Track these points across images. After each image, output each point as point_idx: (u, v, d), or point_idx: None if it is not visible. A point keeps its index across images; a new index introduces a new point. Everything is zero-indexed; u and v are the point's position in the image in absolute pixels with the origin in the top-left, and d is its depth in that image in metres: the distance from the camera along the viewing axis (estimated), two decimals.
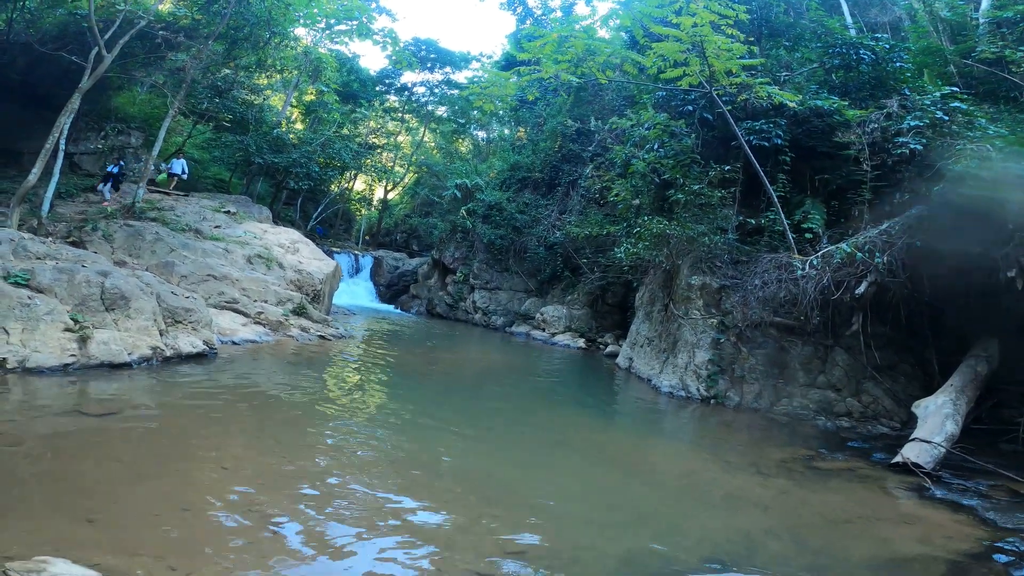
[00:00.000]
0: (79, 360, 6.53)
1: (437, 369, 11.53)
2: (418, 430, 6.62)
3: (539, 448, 6.72)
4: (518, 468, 5.82)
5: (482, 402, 9.06)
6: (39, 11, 13.74)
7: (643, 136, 14.02)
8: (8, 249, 7.48)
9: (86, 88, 11.47)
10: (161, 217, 13.29)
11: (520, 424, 7.84)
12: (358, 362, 10.56)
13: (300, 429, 5.97)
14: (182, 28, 13.78)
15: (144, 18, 12.07)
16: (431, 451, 5.88)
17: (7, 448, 4.25)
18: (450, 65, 32.95)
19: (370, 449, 5.65)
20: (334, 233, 31.07)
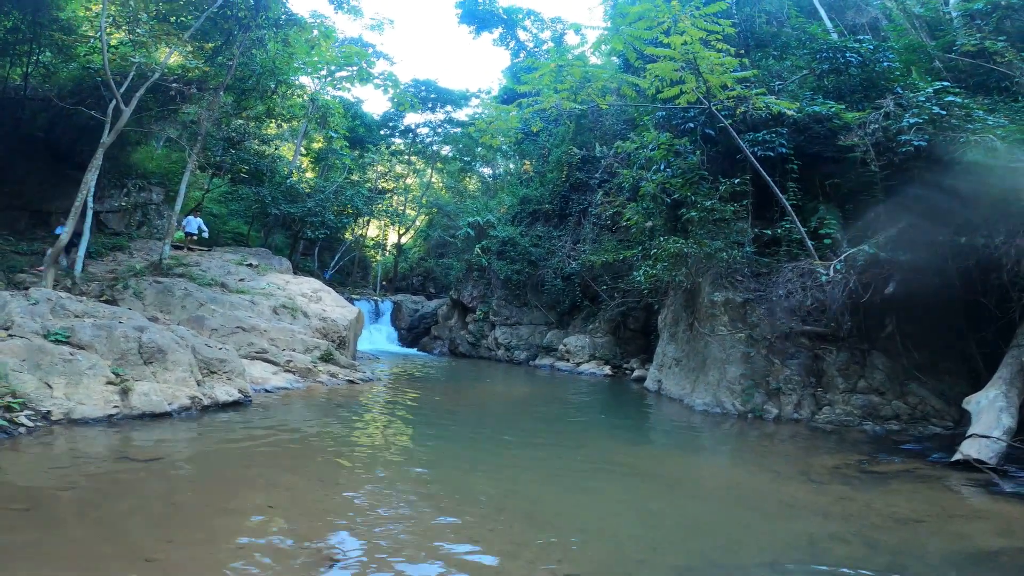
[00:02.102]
0: (122, 411, 6.65)
1: (465, 405, 11.47)
2: (453, 464, 6.58)
3: (579, 473, 6.60)
4: (560, 493, 5.71)
5: (514, 433, 8.94)
6: (54, 65, 14.32)
7: (649, 157, 14.16)
8: (47, 308, 7.74)
9: (108, 143, 11.76)
10: (188, 273, 13.67)
11: (556, 452, 7.71)
12: (388, 403, 10.57)
13: (339, 469, 5.98)
14: (193, 80, 14.23)
15: (156, 71, 12.48)
16: (469, 483, 5.83)
17: (60, 493, 4.32)
18: (450, 103, 33.72)
19: (408, 484, 5.62)
20: (352, 280, 31.51)
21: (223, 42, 13.63)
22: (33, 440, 5.55)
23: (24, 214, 14.13)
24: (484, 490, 5.61)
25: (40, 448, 5.39)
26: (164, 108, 14.67)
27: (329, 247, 29.15)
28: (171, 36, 12.25)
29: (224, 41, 13.65)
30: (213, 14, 12.73)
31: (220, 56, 13.93)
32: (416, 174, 38.13)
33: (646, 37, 10.77)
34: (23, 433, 5.61)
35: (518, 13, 29.32)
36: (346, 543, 3.98)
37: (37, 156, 14.36)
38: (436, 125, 34.40)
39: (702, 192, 11.79)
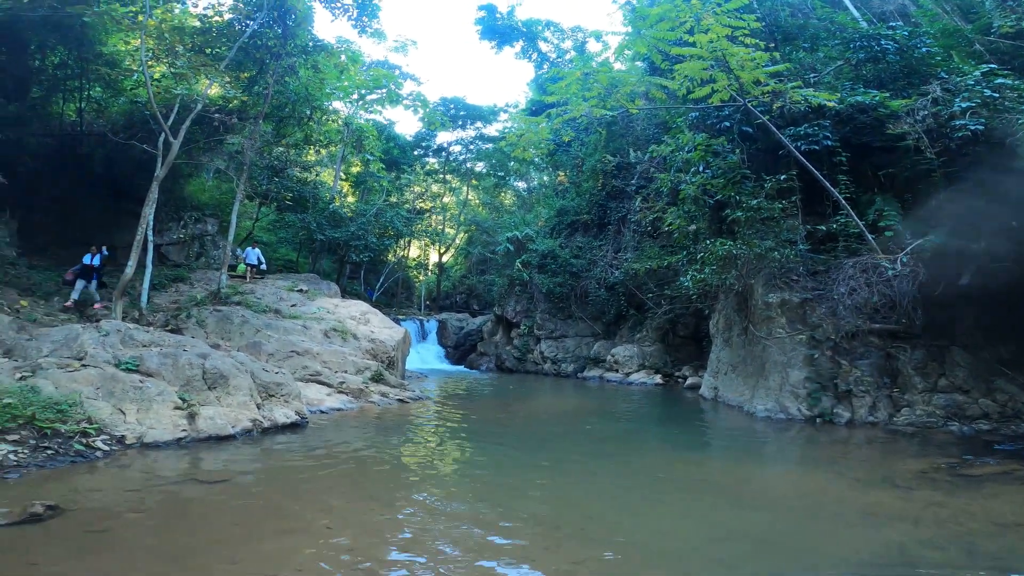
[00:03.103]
0: (190, 434, 6.91)
1: (515, 420, 11.37)
2: (505, 481, 6.48)
3: (636, 486, 6.39)
4: (616, 509, 5.51)
5: (566, 448, 8.76)
6: (104, 101, 15.16)
7: (686, 160, 13.82)
8: (117, 339, 8.17)
9: (161, 176, 12.11)
10: (244, 300, 14.23)
11: (610, 465, 7.51)
12: (438, 422, 10.59)
13: (394, 487, 6.00)
14: (234, 110, 14.82)
15: (198, 102, 12.95)
16: (521, 501, 5.70)
17: (132, 515, 4.47)
18: (480, 119, 34.04)
19: (461, 503, 5.56)
20: (397, 301, 32.07)
21: (257, 71, 14.25)
22: (109, 463, 5.81)
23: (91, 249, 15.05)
24: (537, 507, 5.48)
25: (115, 471, 5.64)
26: (210, 139, 15.30)
27: (374, 270, 29.82)
28: (208, 67, 12.75)
29: (258, 70, 14.27)
30: (245, 44, 13.29)
31: (256, 85, 14.54)
32: (452, 192, 38.66)
33: (669, 38, 10.61)
34: (99, 457, 5.88)
35: (537, 25, 29.55)
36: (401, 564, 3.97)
37: (99, 192, 15.14)
38: (468, 142, 34.84)
39: (746, 191, 11.42)
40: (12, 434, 5.49)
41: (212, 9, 13.41)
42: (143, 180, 12.65)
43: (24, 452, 5.37)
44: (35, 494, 4.47)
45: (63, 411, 6.13)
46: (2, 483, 4.84)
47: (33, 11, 9.93)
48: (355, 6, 14.97)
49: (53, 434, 5.77)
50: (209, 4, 13.48)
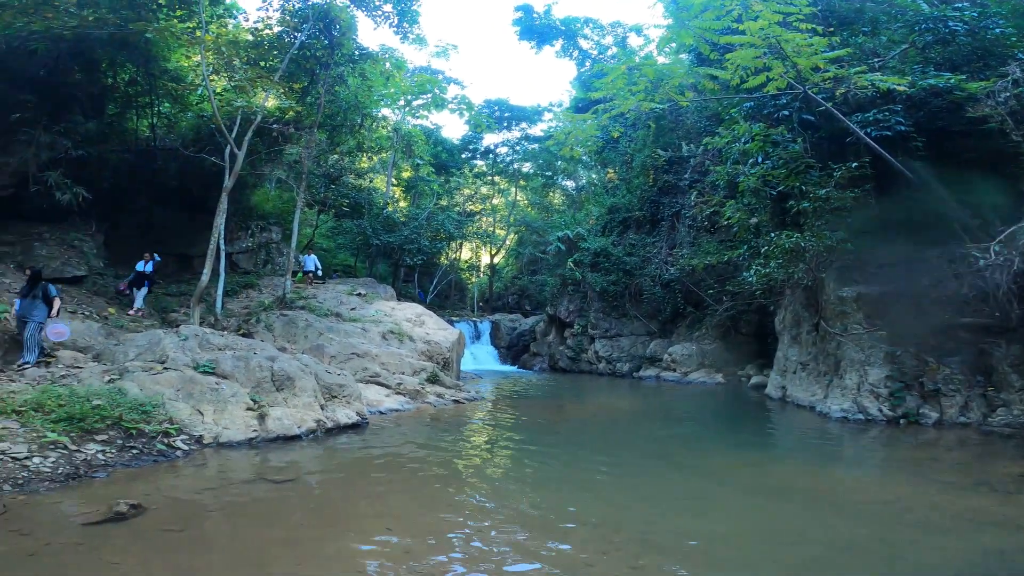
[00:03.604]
0: (260, 434, 7.19)
1: (569, 420, 11.25)
2: (562, 483, 6.39)
3: (698, 490, 6.15)
4: (678, 513, 5.30)
5: (623, 448, 8.58)
6: (173, 116, 15.98)
7: (743, 151, 13.33)
8: (195, 343, 8.64)
9: (229, 187, 12.63)
10: (308, 305, 14.80)
11: (671, 468, 7.27)
12: (493, 422, 10.59)
13: (449, 488, 6.02)
14: (290, 121, 15.36)
15: (258, 114, 13.54)
16: (579, 502, 5.60)
17: (207, 514, 4.67)
18: (524, 120, 34.10)
19: (518, 505, 5.51)
20: (450, 303, 32.52)
21: (309, 81, 14.80)
22: (188, 463, 6.11)
23: (170, 259, 16.06)
24: (594, 510, 5.35)
25: (193, 470, 5.92)
26: (270, 150, 15.97)
27: (427, 272, 30.35)
28: (264, 79, 13.27)
29: (309, 80, 14.81)
30: (295, 55, 13.86)
31: (309, 96, 15.11)
32: (501, 194, 38.87)
33: (716, 27, 10.17)
34: (179, 456, 6.20)
35: (576, 23, 29.21)
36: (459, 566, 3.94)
37: (174, 204, 16.04)
38: (514, 143, 34.98)
39: (812, 181, 10.83)
40: (101, 434, 5.88)
41: (262, 23, 14.07)
42: (213, 192, 13.37)
43: (111, 452, 5.73)
44: (120, 493, 4.74)
45: (147, 412, 6.51)
46: (91, 481, 5.15)
47: (100, 29, 10.52)
48: (395, 13, 15.27)
49: (138, 434, 6.13)
50: (259, 18, 14.18)
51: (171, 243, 16.00)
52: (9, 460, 4.87)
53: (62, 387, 6.64)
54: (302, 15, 13.79)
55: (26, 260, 11.48)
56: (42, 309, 8.24)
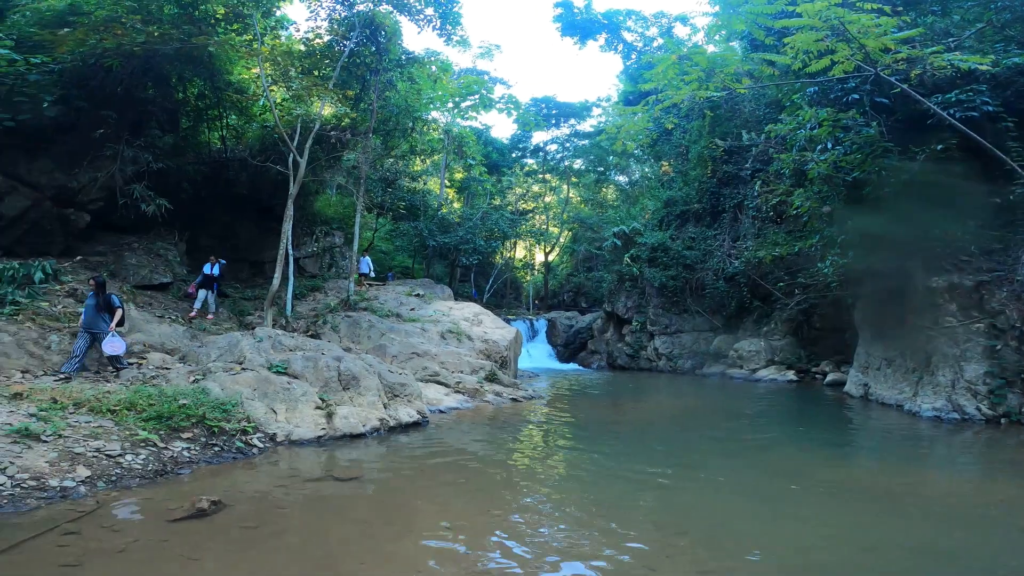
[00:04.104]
0: (328, 432, 7.43)
1: (629, 419, 11.02)
2: (623, 483, 6.23)
3: (771, 491, 5.82)
4: (750, 515, 5.03)
5: (688, 448, 8.28)
6: (240, 127, 16.76)
7: (810, 137, 12.65)
8: (269, 344, 9.05)
9: (294, 194, 13.16)
10: (370, 306, 15.26)
11: (740, 468, 6.96)
12: (551, 420, 10.49)
13: (510, 486, 5.99)
14: (346, 127, 15.94)
15: (316, 121, 14.09)
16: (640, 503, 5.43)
17: (279, 511, 4.82)
18: (573, 116, 33.89)
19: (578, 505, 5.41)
20: (506, 302, 32.69)
21: (360, 88, 15.23)
22: (263, 460, 6.38)
23: (245, 265, 17.03)
24: (657, 512, 5.19)
25: (268, 467, 6.17)
26: (329, 156, 16.57)
27: (483, 272, 30.64)
28: (319, 87, 13.80)
29: (361, 87, 15.25)
30: (346, 62, 14.29)
31: (361, 102, 15.56)
32: (552, 192, 38.69)
33: (769, 12, 9.60)
34: (255, 454, 6.48)
35: (618, 15, 28.57)
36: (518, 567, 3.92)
37: (246, 212, 16.91)
38: (563, 140, 34.75)
39: (891, 166, 10.15)
40: (187, 432, 6.24)
41: (312, 32, 14.62)
42: (279, 199, 14.03)
43: (195, 449, 6.06)
44: (202, 489, 4.99)
45: (227, 411, 6.85)
46: (176, 478, 5.45)
47: (166, 44, 11.20)
48: (437, 16, 15.45)
49: (219, 432, 6.46)
50: (309, 28, 14.77)
51: (244, 250, 16.89)
52: (104, 457, 5.22)
53: (152, 387, 7.08)
54: (349, 23, 14.22)
55: (118, 269, 12.46)
56: (105, 320, 8.25)
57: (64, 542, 3.73)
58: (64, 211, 11.55)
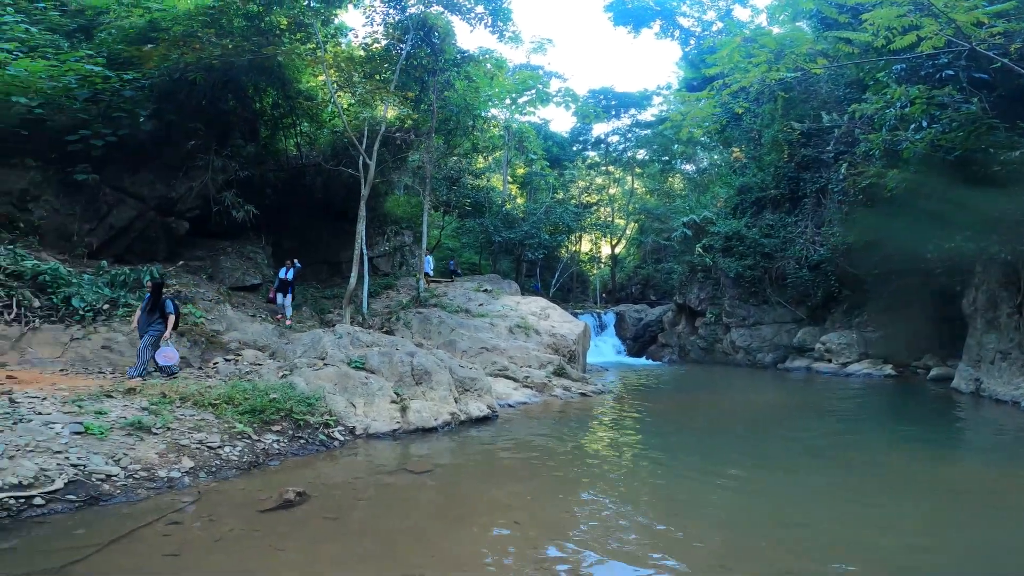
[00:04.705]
0: (402, 426, 7.68)
1: (702, 415, 10.69)
2: (697, 478, 6.04)
3: (862, 492, 5.45)
4: (839, 516, 4.74)
5: (769, 446, 7.90)
6: (313, 133, 17.54)
7: (900, 116, 11.83)
8: (347, 341, 9.48)
9: (366, 195, 13.58)
10: (440, 303, 15.64)
11: (827, 467, 6.56)
12: (621, 415, 10.29)
13: (579, 482, 5.95)
14: (410, 128, 16.46)
15: (381, 124, 14.53)
16: (719, 501, 5.23)
17: (357, 502, 5.02)
18: (633, 106, 33.03)
19: (653, 501, 5.32)
20: (573, 296, 32.45)
21: (420, 89, 15.60)
22: (343, 452, 6.68)
23: (324, 266, 18.01)
24: (734, 512, 5.01)
25: (347, 459, 6.46)
26: (395, 158, 17.09)
27: (549, 267, 30.56)
28: (381, 91, 14.28)
29: (420, 88, 15.61)
30: (404, 65, 14.66)
31: (422, 104, 15.93)
32: (616, 183, 37.92)
33: None
34: (336, 446, 6.79)
35: (671, 1, 27.32)
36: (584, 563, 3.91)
37: (323, 215, 17.79)
38: (624, 131, 34.02)
39: (999, 142, 9.26)
40: (276, 425, 6.64)
41: (370, 38, 15.11)
42: (351, 202, 14.65)
43: (284, 441, 6.43)
44: (289, 480, 5.27)
45: (311, 404, 7.22)
46: (267, 469, 5.80)
47: (239, 56, 11.94)
48: (488, 13, 15.50)
49: (304, 425, 6.82)
50: (367, 34, 15.29)
51: (322, 251, 17.82)
52: (206, 449, 5.65)
53: (247, 382, 7.57)
54: (403, 26, 14.56)
55: (215, 272, 13.51)
56: (159, 323, 8.04)
57: (168, 531, 4.03)
58: (166, 220, 12.65)
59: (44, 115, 10.19)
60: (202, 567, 3.55)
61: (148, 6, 12.46)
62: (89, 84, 10.59)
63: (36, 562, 3.46)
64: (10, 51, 9.94)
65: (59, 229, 10.87)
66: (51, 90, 10.16)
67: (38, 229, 10.46)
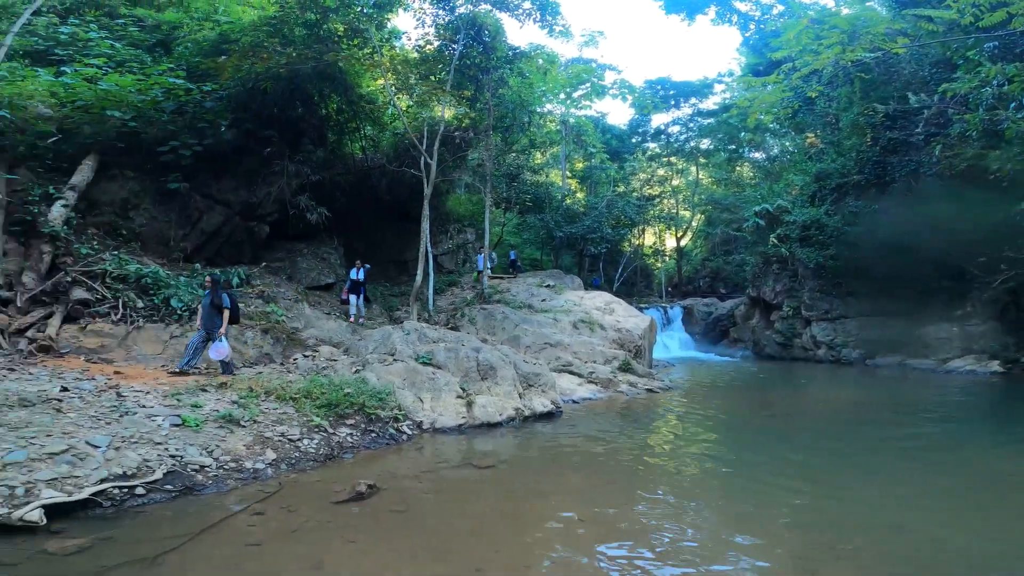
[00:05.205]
0: (467, 421, 7.79)
1: (780, 413, 10.14)
2: (770, 478, 5.74)
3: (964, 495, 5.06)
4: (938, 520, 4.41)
5: (855, 447, 7.41)
6: (376, 136, 18.03)
7: (998, 95, 11.05)
8: (415, 337, 9.73)
9: (429, 195, 13.90)
10: (503, 299, 15.74)
11: (922, 467, 6.11)
12: (689, 413, 9.92)
13: (643, 481, 5.82)
14: (467, 127, 16.59)
15: (440, 124, 14.75)
16: (795, 502, 4.95)
17: (424, 496, 5.12)
18: (693, 95, 32.02)
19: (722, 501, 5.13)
20: (637, 290, 31.76)
21: (475, 88, 15.69)
22: (411, 446, 6.84)
23: (391, 264, 18.62)
24: (812, 513, 4.76)
25: (415, 453, 6.61)
26: (455, 157, 17.31)
27: (612, 261, 30.06)
28: (437, 91, 14.47)
29: (475, 87, 15.70)
30: (457, 64, 14.81)
31: (477, 102, 16.03)
32: (680, 174, 36.65)
33: None
34: (405, 440, 6.98)
35: None
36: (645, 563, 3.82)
37: (389, 215, 18.40)
38: (685, 121, 32.96)
39: None
40: (350, 419, 6.92)
41: (423, 40, 15.34)
42: (415, 201, 15.02)
43: (357, 435, 6.68)
44: (361, 473, 5.46)
45: (382, 399, 7.46)
46: (341, 461, 6.03)
47: (303, 64, 12.48)
48: (536, 8, 15.36)
49: (375, 419, 7.06)
50: (420, 36, 15.48)
51: (388, 251, 18.42)
52: (287, 441, 5.95)
53: (323, 377, 7.92)
54: (453, 27, 14.71)
55: (293, 273, 14.30)
56: (217, 319, 8.00)
57: (252, 522, 4.25)
58: (249, 224, 13.51)
59: (137, 128, 10.94)
60: (281, 558, 3.71)
61: (217, 19, 13.27)
62: (174, 97, 11.33)
63: (133, 552, 3.65)
64: (99, 66, 10.79)
65: (157, 235, 11.77)
66: (141, 103, 10.87)
67: (139, 235, 11.34)
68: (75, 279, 9.10)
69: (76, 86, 10.41)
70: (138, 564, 3.49)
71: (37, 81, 10.38)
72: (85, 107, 10.52)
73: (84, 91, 10.42)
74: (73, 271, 9.18)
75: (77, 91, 10.40)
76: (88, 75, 10.55)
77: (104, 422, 5.36)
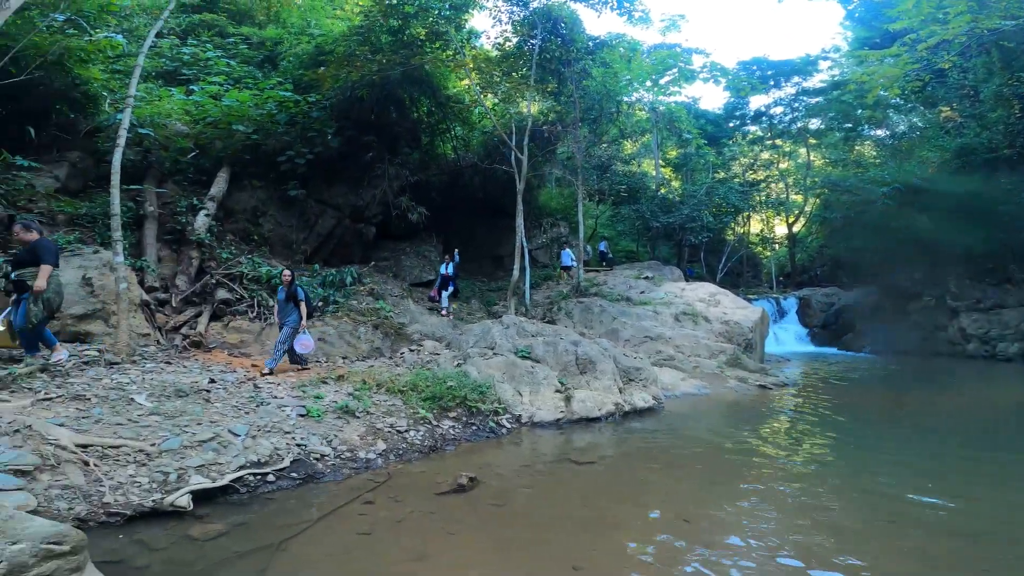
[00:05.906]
0: (565, 416, 7.71)
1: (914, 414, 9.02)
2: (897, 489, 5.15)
3: None
4: None
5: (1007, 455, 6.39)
6: (466, 135, 18.35)
7: None
8: (514, 331, 9.81)
9: (521, 190, 14.10)
10: (600, 292, 15.47)
11: None
12: (804, 411, 9.05)
13: (751, 483, 5.41)
14: (555, 121, 16.50)
15: (527, 119, 14.78)
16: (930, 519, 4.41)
17: (522, 490, 5.10)
18: (796, 74, 29.18)
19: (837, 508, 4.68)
20: (743, 281, 29.81)
21: (558, 81, 15.46)
22: (509, 440, 6.89)
23: (488, 260, 19.06)
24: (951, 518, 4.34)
25: (513, 447, 6.64)
26: (544, 151, 17.36)
27: (713, 250, 28.42)
28: (521, 87, 14.53)
29: (558, 80, 15.46)
30: (538, 59, 14.67)
31: (562, 95, 15.82)
32: (787, 157, 33.60)
33: None
34: (504, 434, 7.05)
35: None
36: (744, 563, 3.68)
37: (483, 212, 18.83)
38: (789, 101, 30.13)
39: None
40: (453, 411, 7.12)
41: (502, 37, 15.37)
42: (508, 197, 15.19)
43: (459, 427, 6.85)
44: (463, 466, 5.57)
45: (483, 392, 7.60)
46: (443, 454, 6.18)
47: (392, 69, 12.92)
48: None
49: (476, 412, 7.20)
50: (498, 34, 15.56)
51: (485, 247, 18.83)
52: (395, 433, 6.24)
53: (427, 371, 8.24)
54: (530, 22, 14.58)
55: (398, 271, 15.11)
56: (295, 313, 8.09)
57: (363, 511, 4.44)
58: (357, 226, 14.46)
59: (258, 140, 11.98)
60: (388, 547, 3.85)
61: (311, 32, 14.18)
62: (285, 109, 12.28)
63: (261, 538, 3.85)
64: (220, 83, 11.96)
65: (282, 239, 12.92)
66: (259, 117, 11.88)
67: (267, 240, 12.50)
68: (219, 281, 10.27)
69: (204, 103, 11.66)
70: (264, 551, 3.69)
71: (172, 100, 11.74)
72: (214, 123, 11.71)
73: (211, 108, 11.63)
74: (217, 274, 10.35)
75: (206, 108, 11.65)
76: (212, 92, 11.76)
77: (243, 412, 5.89)
